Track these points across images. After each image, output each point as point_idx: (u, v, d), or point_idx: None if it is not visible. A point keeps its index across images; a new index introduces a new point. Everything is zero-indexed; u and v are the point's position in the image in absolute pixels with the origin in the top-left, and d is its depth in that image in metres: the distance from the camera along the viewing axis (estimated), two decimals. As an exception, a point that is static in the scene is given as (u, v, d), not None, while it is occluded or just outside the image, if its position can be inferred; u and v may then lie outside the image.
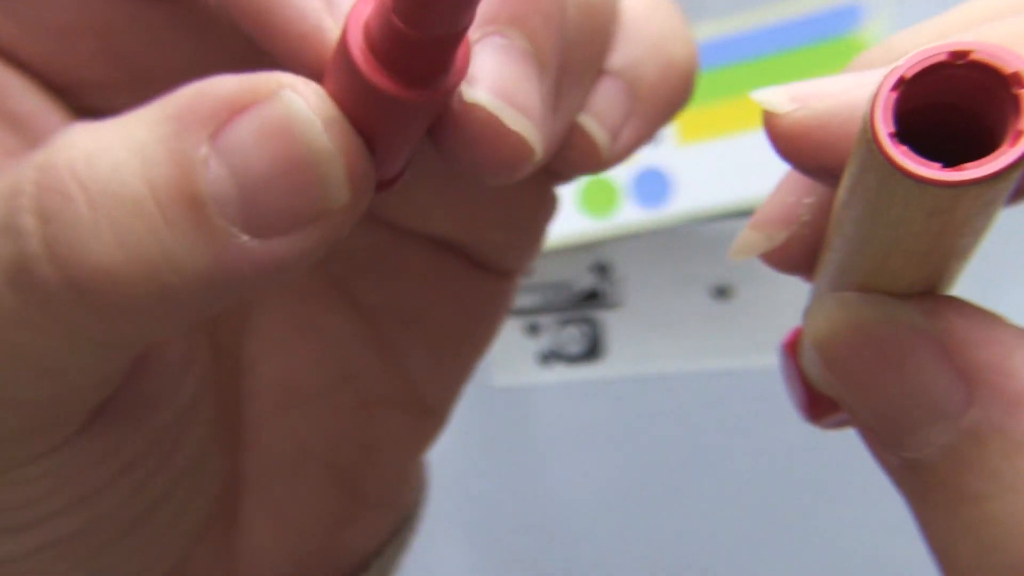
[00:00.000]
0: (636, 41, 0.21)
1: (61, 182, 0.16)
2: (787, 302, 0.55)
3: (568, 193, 0.58)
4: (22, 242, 0.16)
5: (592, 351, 0.61)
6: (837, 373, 0.16)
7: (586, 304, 0.61)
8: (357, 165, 0.17)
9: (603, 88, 0.21)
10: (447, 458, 0.63)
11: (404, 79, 0.17)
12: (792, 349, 0.20)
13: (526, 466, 0.63)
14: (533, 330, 0.63)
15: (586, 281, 0.61)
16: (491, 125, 0.18)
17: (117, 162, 0.16)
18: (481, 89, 0.18)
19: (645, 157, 0.58)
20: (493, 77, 0.18)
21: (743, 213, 0.54)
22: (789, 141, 0.16)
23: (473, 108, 0.18)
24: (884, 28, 0.51)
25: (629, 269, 0.60)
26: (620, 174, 0.58)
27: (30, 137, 0.19)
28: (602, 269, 0.61)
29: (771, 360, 0.21)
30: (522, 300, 0.62)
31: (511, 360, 0.63)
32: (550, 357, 0.62)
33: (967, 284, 0.17)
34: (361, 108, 0.17)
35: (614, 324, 0.61)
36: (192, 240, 0.16)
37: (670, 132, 0.57)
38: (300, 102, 0.17)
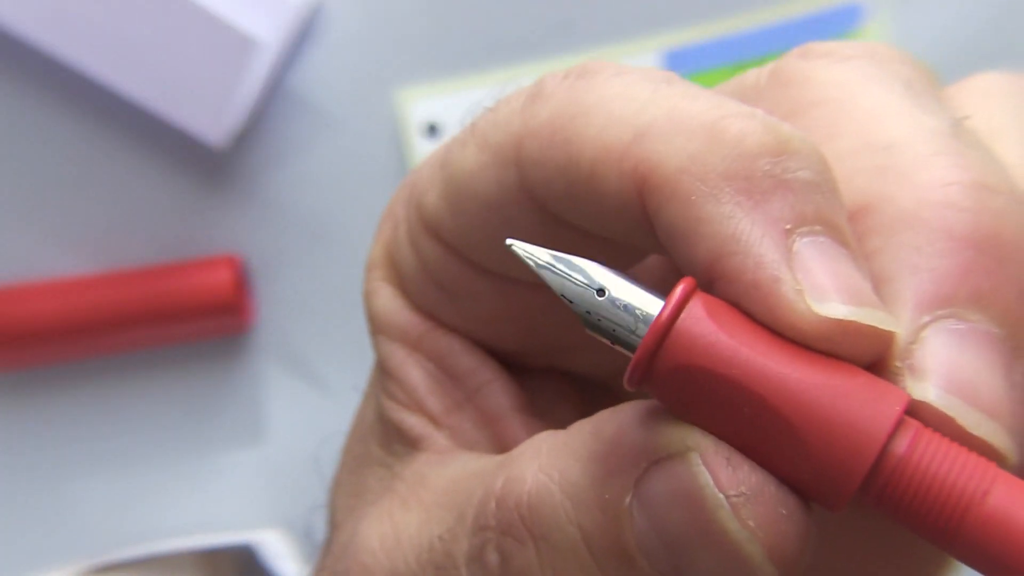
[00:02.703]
0: None
1: (515, 526, 0.17)
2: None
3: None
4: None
5: (592, 351, 0.61)
6: None
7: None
8: (783, 541, 0.15)
9: None
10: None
11: None
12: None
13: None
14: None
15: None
16: (945, 427, 0.15)
17: (555, 505, 0.17)
18: (932, 384, 0.15)
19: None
20: (946, 369, 0.15)
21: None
22: None
23: (921, 407, 0.15)
24: (884, 28, 0.51)
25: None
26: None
27: (468, 388, 0.22)
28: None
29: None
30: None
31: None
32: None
33: None
34: None
35: (614, 324, 0.61)
36: None
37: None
38: (705, 476, 0.15)
